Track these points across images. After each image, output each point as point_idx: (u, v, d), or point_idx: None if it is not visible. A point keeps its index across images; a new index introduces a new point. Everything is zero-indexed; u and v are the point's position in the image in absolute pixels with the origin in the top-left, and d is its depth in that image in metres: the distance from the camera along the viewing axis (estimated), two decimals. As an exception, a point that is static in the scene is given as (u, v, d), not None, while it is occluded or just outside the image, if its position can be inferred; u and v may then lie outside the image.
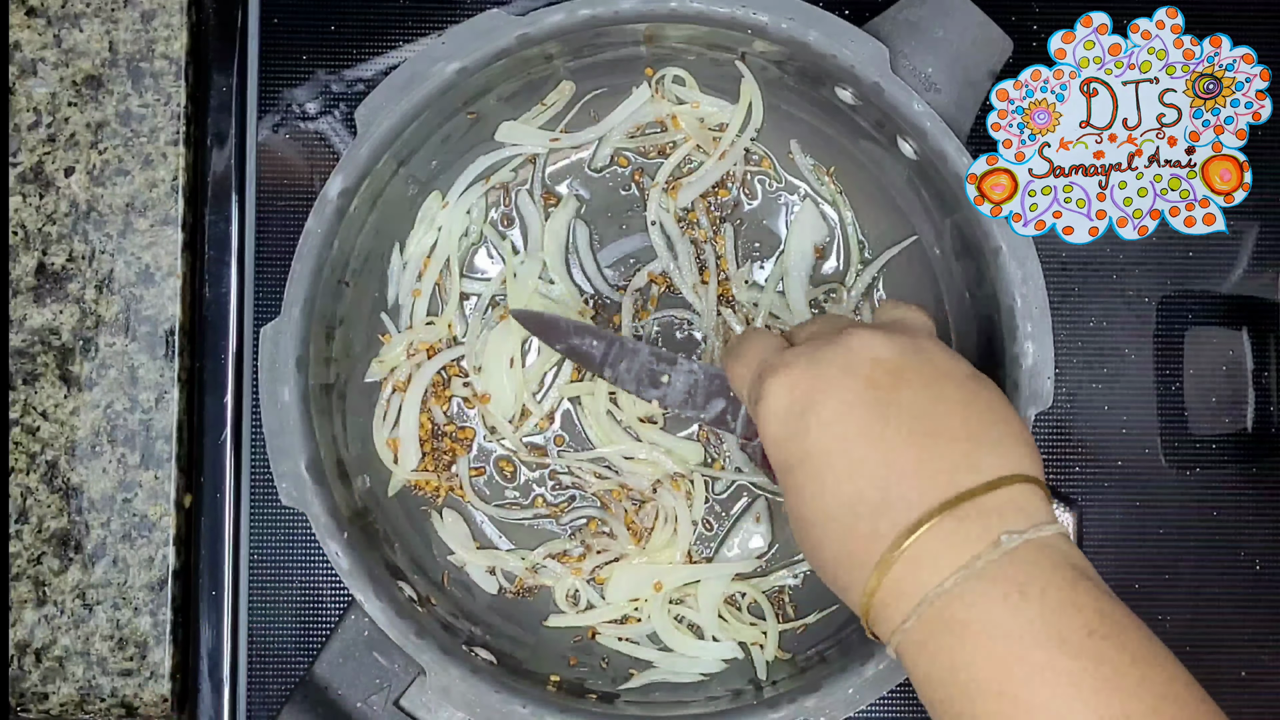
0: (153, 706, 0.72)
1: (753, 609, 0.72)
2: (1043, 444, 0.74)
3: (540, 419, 0.73)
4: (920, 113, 0.65)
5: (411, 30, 0.75)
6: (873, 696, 0.65)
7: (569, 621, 0.71)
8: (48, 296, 0.72)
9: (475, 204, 0.73)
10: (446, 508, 0.73)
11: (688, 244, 0.73)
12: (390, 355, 0.71)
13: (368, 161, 0.66)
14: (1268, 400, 0.75)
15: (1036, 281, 0.65)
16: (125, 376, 0.72)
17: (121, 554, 0.72)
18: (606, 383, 0.72)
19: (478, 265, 0.74)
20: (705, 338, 0.73)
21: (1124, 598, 0.74)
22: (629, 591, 0.71)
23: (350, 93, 0.75)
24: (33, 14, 0.73)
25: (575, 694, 0.68)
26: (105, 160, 0.73)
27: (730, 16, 0.66)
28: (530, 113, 0.72)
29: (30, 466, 0.72)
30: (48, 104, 0.73)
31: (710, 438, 0.74)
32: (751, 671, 0.70)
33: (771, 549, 0.73)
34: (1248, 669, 0.74)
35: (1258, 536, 0.75)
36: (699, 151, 0.73)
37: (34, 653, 0.71)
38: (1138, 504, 0.75)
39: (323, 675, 0.67)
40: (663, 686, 0.70)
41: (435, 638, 0.65)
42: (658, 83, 0.73)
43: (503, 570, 0.72)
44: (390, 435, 0.72)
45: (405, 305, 0.73)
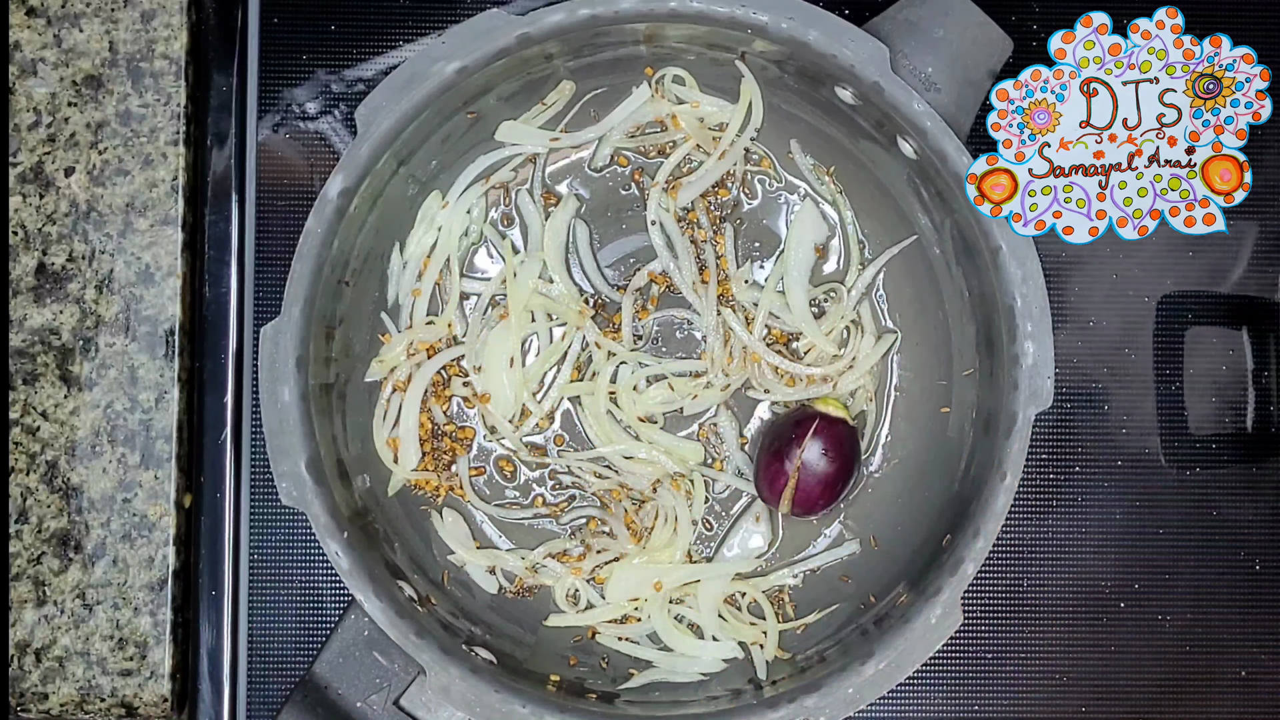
0: (153, 706, 0.72)
1: (753, 609, 0.72)
2: (1043, 444, 0.75)
3: (540, 419, 0.73)
4: (920, 112, 0.65)
5: (411, 30, 0.75)
6: (873, 696, 0.65)
7: (569, 621, 0.71)
8: (48, 296, 0.72)
9: (475, 204, 0.73)
10: (446, 507, 0.73)
11: (688, 244, 0.73)
12: (390, 355, 0.71)
13: (368, 161, 0.66)
14: (1268, 400, 0.75)
15: (1036, 281, 0.65)
16: (125, 376, 0.72)
17: (121, 554, 0.72)
18: (606, 382, 0.72)
19: (478, 265, 0.74)
20: (705, 337, 0.73)
21: (1124, 597, 0.75)
22: (628, 591, 0.71)
23: (350, 93, 0.75)
24: (33, 14, 0.73)
25: (575, 694, 0.68)
26: (105, 160, 0.73)
27: (730, 16, 0.66)
28: (530, 112, 0.72)
29: (30, 466, 0.72)
30: (48, 104, 0.73)
31: (710, 437, 0.74)
32: (751, 671, 0.70)
33: (771, 549, 0.73)
34: (1248, 669, 0.74)
35: (1258, 536, 0.75)
36: (699, 151, 0.73)
37: (34, 653, 0.71)
38: (1138, 504, 0.75)
39: (323, 675, 0.67)
40: (662, 686, 0.70)
41: (435, 637, 0.65)
42: (658, 82, 0.73)
43: (503, 570, 0.72)
44: (390, 435, 0.72)
45: (405, 305, 0.73)
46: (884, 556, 0.72)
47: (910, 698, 0.74)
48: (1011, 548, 0.75)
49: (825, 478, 0.69)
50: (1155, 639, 0.74)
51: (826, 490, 0.70)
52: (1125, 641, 0.74)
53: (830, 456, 0.69)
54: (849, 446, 0.70)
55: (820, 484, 0.69)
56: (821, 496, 0.70)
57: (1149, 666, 0.74)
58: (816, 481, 0.69)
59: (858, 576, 0.72)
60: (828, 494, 0.70)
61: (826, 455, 0.69)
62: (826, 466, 0.69)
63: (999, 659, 0.74)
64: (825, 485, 0.69)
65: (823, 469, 0.69)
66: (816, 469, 0.69)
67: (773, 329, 0.73)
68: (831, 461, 0.69)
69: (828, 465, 0.69)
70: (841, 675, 0.65)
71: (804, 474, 0.69)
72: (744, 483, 0.73)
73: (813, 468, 0.69)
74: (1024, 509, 0.75)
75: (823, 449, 0.69)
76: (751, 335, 0.72)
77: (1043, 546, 0.75)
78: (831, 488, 0.70)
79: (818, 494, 0.70)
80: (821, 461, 0.69)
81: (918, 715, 0.74)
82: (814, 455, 0.69)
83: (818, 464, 0.69)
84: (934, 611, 0.65)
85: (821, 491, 0.70)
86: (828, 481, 0.69)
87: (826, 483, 0.69)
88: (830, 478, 0.69)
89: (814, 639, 0.71)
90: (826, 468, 0.69)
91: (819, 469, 0.69)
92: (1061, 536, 0.75)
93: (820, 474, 0.69)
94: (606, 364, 0.72)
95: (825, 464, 0.69)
